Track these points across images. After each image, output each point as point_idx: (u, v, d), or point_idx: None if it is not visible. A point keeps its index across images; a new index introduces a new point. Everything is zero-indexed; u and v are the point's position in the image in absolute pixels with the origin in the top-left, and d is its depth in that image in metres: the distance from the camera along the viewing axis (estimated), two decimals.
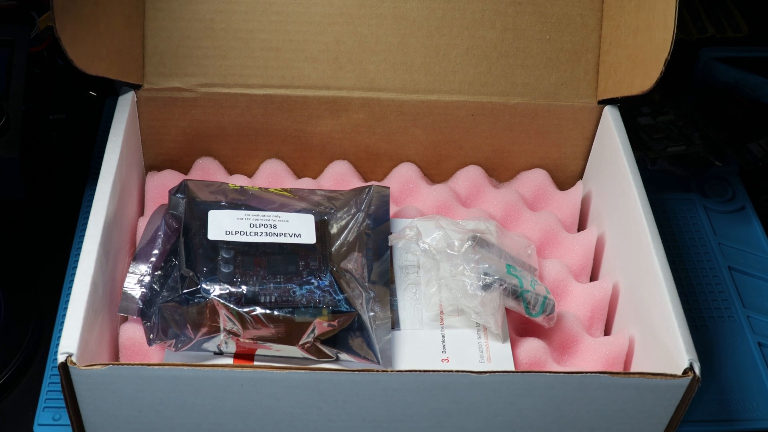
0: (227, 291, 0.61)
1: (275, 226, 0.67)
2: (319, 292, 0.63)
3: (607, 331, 0.73)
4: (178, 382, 0.56)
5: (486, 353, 0.67)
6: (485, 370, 0.56)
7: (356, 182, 0.81)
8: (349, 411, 0.58)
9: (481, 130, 0.81)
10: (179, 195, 0.70)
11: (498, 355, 0.67)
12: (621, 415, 0.59)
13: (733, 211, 0.91)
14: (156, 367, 0.55)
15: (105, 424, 0.58)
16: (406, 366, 0.65)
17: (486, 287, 0.66)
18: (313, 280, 0.63)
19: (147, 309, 0.64)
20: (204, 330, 0.62)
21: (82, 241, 0.62)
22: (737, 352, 0.79)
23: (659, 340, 0.62)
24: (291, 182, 0.80)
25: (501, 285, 0.66)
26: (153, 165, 0.81)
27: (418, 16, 0.77)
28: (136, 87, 0.76)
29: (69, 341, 0.55)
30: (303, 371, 0.55)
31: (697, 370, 0.56)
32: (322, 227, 0.68)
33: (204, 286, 0.61)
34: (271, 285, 0.62)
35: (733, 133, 0.98)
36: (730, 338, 0.80)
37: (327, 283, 0.64)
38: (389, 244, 0.70)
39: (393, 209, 0.78)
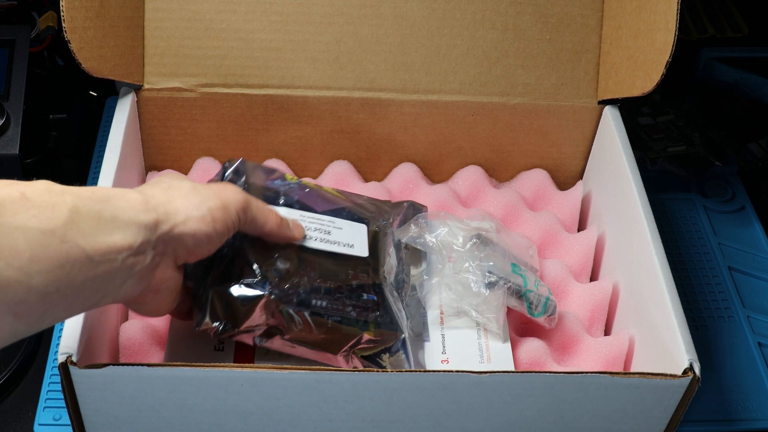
0: (282, 288, 0.60)
1: (329, 233, 0.65)
2: (368, 305, 0.62)
3: (607, 331, 0.73)
4: (178, 382, 0.56)
5: (486, 353, 0.67)
6: (485, 370, 0.56)
7: (356, 182, 0.81)
8: (349, 411, 0.58)
9: (481, 130, 0.81)
10: (234, 174, 0.67)
11: (498, 355, 0.67)
12: (621, 415, 0.59)
13: (733, 211, 0.91)
14: (156, 367, 0.55)
15: (105, 424, 0.58)
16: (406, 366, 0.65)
17: (490, 285, 0.66)
18: (363, 294, 0.63)
19: (198, 288, 0.61)
20: (249, 322, 0.60)
21: None
22: (737, 352, 0.79)
23: (659, 340, 0.62)
24: None
25: (505, 284, 0.66)
26: (153, 165, 0.81)
27: (419, 16, 0.77)
28: (136, 87, 0.76)
29: (69, 341, 0.55)
30: (303, 371, 0.55)
31: (697, 370, 0.56)
32: (373, 239, 0.67)
33: (261, 279, 0.60)
34: (323, 290, 0.61)
35: (733, 133, 0.98)
36: (730, 338, 0.80)
37: (375, 298, 0.63)
38: (398, 239, 0.70)
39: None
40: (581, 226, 0.81)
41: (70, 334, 0.56)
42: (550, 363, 0.68)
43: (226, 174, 0.66)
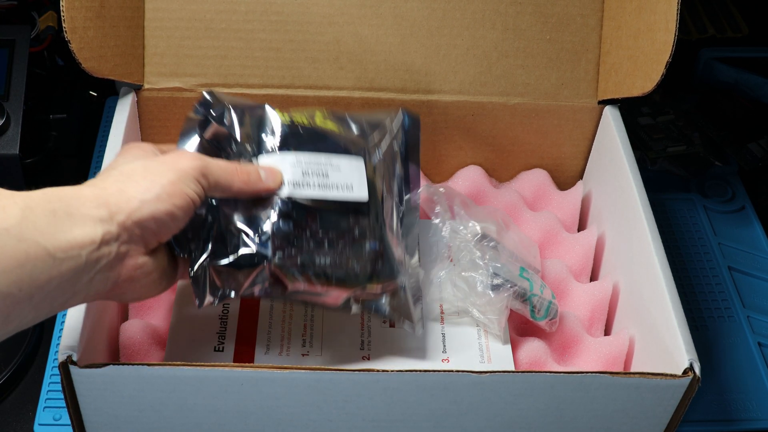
0: (282, 251, 0.57)
1: (327, 175, 0.60)
2: (370, 257, 0.60)
3: (607, 331, 0.73)
4: (178, 382, 0.56)
5: (486, 353, 0.67)
6: (485, 370, 0.56)
7: None
8: (349, 411, 0.58)
9: (481, 130, 0.81)
10: (214, 114, 0.62)
11: (498, 355, 0.67)
12: (621, 415, 0.59)
13: (733, 211, 0.92)
14: (156, 367, 0.55)
15: (105, 424, 0.58)
16: (406, 366, 0.65)
17: (495, 287, 0.66)
18: (366, 243, 0.60)
19: (193, 265, 0.58)
20: (251, 290, 0.59)
21: None
22: (737, 352, 0.79)
23: (659, 340, 0.62)
24: None
25: (511, 287, 0.66)
26: None
27: (419, 16, 0.77)
28: (136, 87, 0.76)
29: (69, 341, 0.55)
30: (303, 371, 0.55)
31: (697, 370, 0.56)
32: (370, 175, 0.63)
33: (260, 250, 0.57)
34: (326, 245, 0.59)
35: (733, 133, 0.98)
36: (730, 338, 0.80)
37: (377, 247, 0.61)
38: (397, 150, 0.67)
39: None
40: (581, 226, 0.81)
41: (70, 333, 0.56)
42: (550, 363, 0.68)
43: (204, 122, 0.62)
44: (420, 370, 0.55)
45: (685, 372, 0.57)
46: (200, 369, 0.55)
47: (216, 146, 0.61)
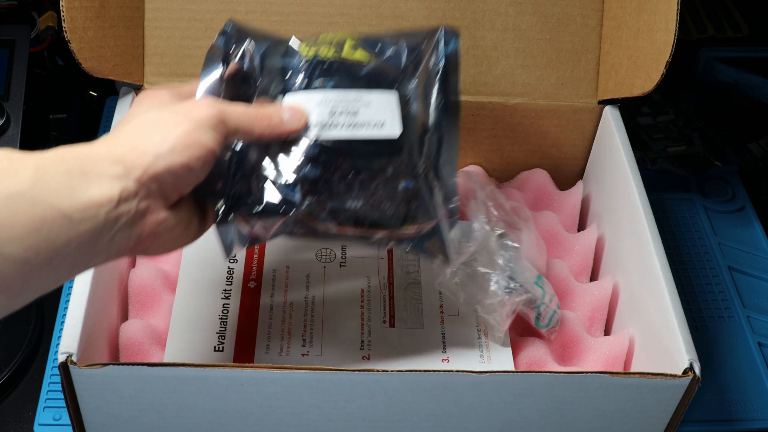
0: (312, 199, 0.55)
1: (357, 113, 0.57)
2: (405, 197, 0.57)
3: (607, 331, 0.73)
4: (178, 382, 0.56)
5: (486, 353, 0.67)
6: (485, 370, 0.56)
7: None
8: (349, 411, 0.58)
9: (481, 130, 0.81)
10: (236, 49, 0.60)
11: (498, 355, 0.67)
12: (621, 415, 0.59)
13: (733, 211, 0.91)
14: (156, 367, 0.55)
15: (105, 424, 0.58)
16: (406, 366, 0.65)
17: (509, 291, 0.66)
18: (400, 183, 0.57)
19: (219, 214, 0.56)
20: (277, 231, 0.57)
21: None
22: (737, 352, 0.79)
23: (659, 340, 0.62)
24: None
25: (525, 293, 0.66)
26: None
27: (418, 16, 0.77)
28: (136, 87, 0.76)
29: (69, 341, 0.55)
30: (303, 371, 0.55)
31: (697, 370, 0.56)
32: (403, 109, 0.59)
33: (287, 197, 0.55)
34: (356, 188, 0.56)
35: (733, 133, 0.98)
36: (730, 338, 0.80)
37: (412, 186, 0.57)
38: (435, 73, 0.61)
39: None
40: (581, 226, 0.81)
41: (70, 333, 0.56)
42: (550, 363, 0.68)
43: (229, 56, 0.59)
44: (420, 370, 0.55)
45: (685, 372, 0.57)
46: (200, 369, 0.55)
47: (238, 84, 0.58)
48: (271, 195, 0.55)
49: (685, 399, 0.57)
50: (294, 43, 0.60)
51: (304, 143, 0.55)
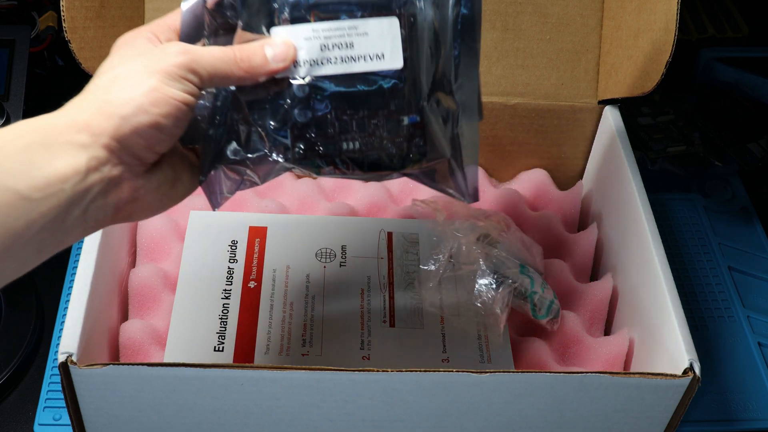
0: (304, 145, 0.51)
1: (352, 45, 0.51)
2: (408, 134, 0.52)
3: (607, 331, 0.73)
4: (178, 382, 0.56)
5: (486, 353, 0.67)
6: (485, 370, 0.56)
7: (355, 183, 0.81)
8: (349, 411, 0.58)
9: (481, 130, 0.80)
10: None
11: (498, 355, 0.67)
12: (621, 415, 0.59)
13: (733, 211, 0.91)
14: (156, 367, 0.55)
15: (105, 424, 0.58)
16: (406, 366, 0.65)
17: (497, 284, 0.66)
18: (403, 117, 0.52)
19: (204, 164, 0.52)
20: (268, 176, 0.54)
21: (82, 241, 0.62)
22: (737, 352, 0.79)
23: (659, 340, 0.62)
24: (291, 187, 0.80)
25: (512, 284, 0.66)
26: None
27: None
28: None
29: (69, 341, 0.55)
30: (303, 371, 0.55)
31: (697, 370, 0.56)
32: (409, 34, 0.52)
33: (276, 144, 0.51)
34: (354, 128, 0.52)
35: (733, 133, 0.98)
36: (730, 338, 0.80)
37: (418, 119, 0.52)
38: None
39: (394, 209, 0.79)
40: (581, 226, 0.81)
41: (70, 333, 0.56)
42: (550, 363, 0.68)
43: None
44: (420, 370, 0.55)
45: (685, 372, 0.57)
46: (200, 369, 0.55)
47: (223, 16, 0.53)
48: (259, 141, 0.51)
49: (685, 399, 0.57)
50: None
51: (292, 84, 0.51)
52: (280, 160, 0.52)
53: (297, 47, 0.51)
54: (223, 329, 0.66)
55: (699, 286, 0.84)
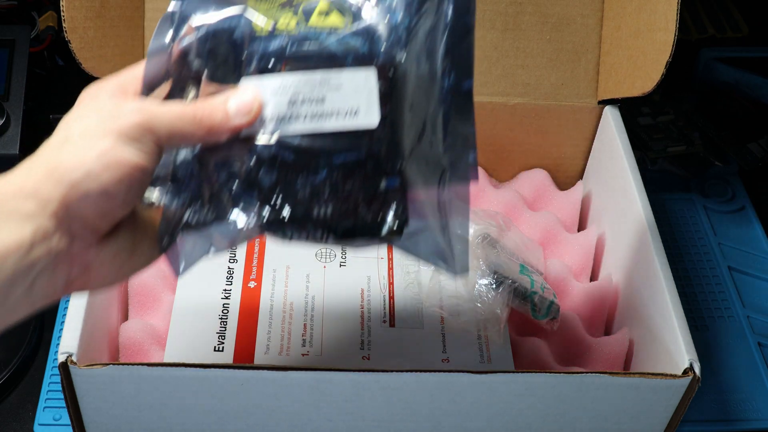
0: (271, 214, 0.46)
1: (323, 100, 0.46)
2: (386, 199, 0.47)
3: (607, 331, 0.73)
4: (178, 382, 0.56)
5: (486, 353, 0.67)
6: (485, 370, 0.56)
7: None
8: (349, 411, 0.58)
9: (481, 130, 0.80)
10: (181, 31, 0.48)
11: (498, 355, 0.67)
12: (621, 415, 0.59)
13: (733, 211, 0.91)
14: (156, 367, 0.55)
15: (105, 424, 0.58)
16: (406, 366, 0.65)
17: (496, 285, 0.66)
18: (380, 180, 0.47)
19: (165, 231, 0.47)
20: (237, 239, 0.49)
21: None
22: (737, 352, 0.79)
23: (659, 340, 0.62)
24: None
25: (512, 284, 0.66)
26: None
27: None
28: None
29: (69, 341, 0.55)
30: (303, 371, 0.55)
31: (697, 370, 0.56)
32: (389, 87, 0.47)
33: (241, 218, 0.47)
34: (326, 192, 0.46)
35: (733, 133, 0.98)
36: (730, 338, 0.80)
37: (397, 183, 0.47)
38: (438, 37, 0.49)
39: None
40: (581, 226, 0.81)
41: (70, 333, 0.56)
42: (550, 363, 0.68)
43: (174, 32, 0.48)
44: (420, 370, 0.55)
45: (685, 372, 0.57)
46: (200, 369, 0.55)
47: (187, 68, 0.48)
48: (223, 204, 0.47)
49: (685, 399, 0.57)
50: (249, 14, 0.48)
51: (257, 143, 0.46)
52: (247, 226, 0.47)
53: (264, 102, 0.46)
54: (223, 329, 0.66)
55: (699, 286, 0.84)
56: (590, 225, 0.79)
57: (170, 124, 0.44)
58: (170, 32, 0.48)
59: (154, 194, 0.47)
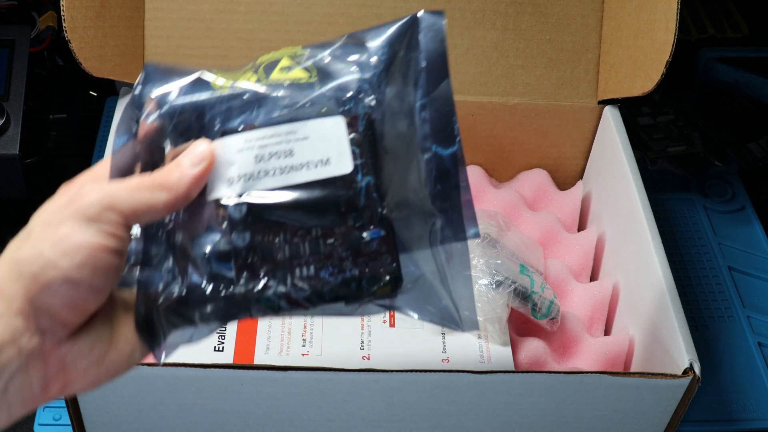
0: (247, 277, 0.43)
1: (292, 153, 0.44)
2: (373, 252, 0.43)
3: (607, 331, 0.73)
4: (178, 382, 0.56)
5: (486, 353, 0.67)
6: (485, 370, 0.56)
7: None
8: (349, 411, 0.58)
9: (481, 130, 0.81)
10: (143, 110, 0.46)
11: (498, 355, 0.67)
12: (621, 415, 0.59)
13: (733, 211, 0.91)
14: (156, 367, 0.55)
15: (105, 424, 0.58)
16: (406, 366, 0.65)
17: (496, 285, 0.66)
18: (363, 233, 0.43)
19: (141, 313, 0.44)
20: (217, 317, 0.45)
21: None
22: (737, 352, 0.79)
23: (659, 340, 0.62)
24: None
25: (512, 284, 0.66)
26: None
27: None
28: None
29: None
30: (303, 371, 0.55)
31: (697, 370, 0.56)
32: (363, 134, 0.45)
33: (220, 290, 0.43)
34: (306, 250, 0.43)
35: (733, 133, 0.98)
36: (730, 338, 0.80)
37: (382, 233, 0.44)
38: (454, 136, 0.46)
39: None
40: (581, 226, 0.81)
41: None
42: (550, 363, 0.68)
43: (139, 113, 0.46)
44: (420, 370, 0.55)
45: (685, 372, 0.57)
46: (200, 369, 0.55)
47: (155, 146, 0.45)
48: (201, 277, 0.43)
49: (685, 399, 0.57)
50: (208, 76, 0.46)
51: (229, 203, 0.43)
52: (226, 295, 0.43)
53: (229, 162, 0.43)
54: (224, 329, 0.66)
55: (699, 286, 0.84)
56: (590, 225, 0.79)
57: (132, 198, 0.41)
58: (134, 112, 0.46)
59: (130, 275, 0.44)
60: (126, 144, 0.45)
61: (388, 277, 0.44)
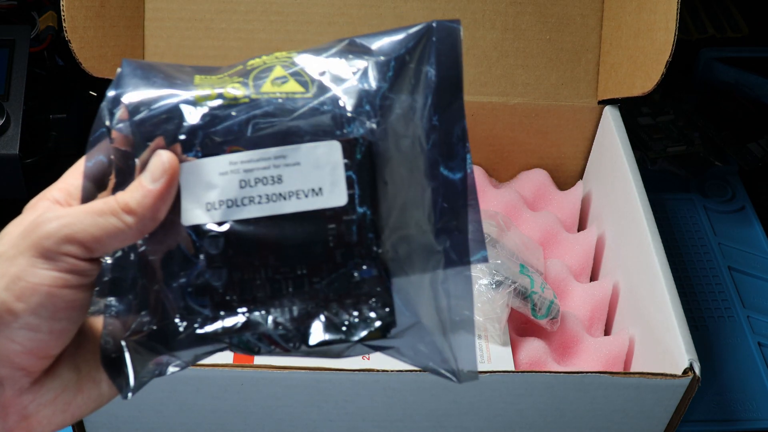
0: (222, 327, 0.39)
1: (281, 179, 0.40)
2: (363, 293, 0.40)
3: (607, 331, 0.73)
4: (178, 382, 0.56)
5: (486, 353, 0.67)
6: (485, 370, 0.56)
7: None
8: (349, 411, 0.58)
9: (481, 130, 0.81)
10: (117, 116, 0.42)
11: (498, 355, 0.67)
12: (621, 415, 0.59)
13: (733, 211, 0.91)
14: None
15: (105, 424, 0.58)
16: (406, 366, 0.65)
17: (496, 285, 0.66)
18: (353, 271, 0.40)
19: (108, 340, 0.40)
20: (193, 354, 0.42)
21: None
22: (737, 352, 0.79)
23: (659, 340, 0.62)
24: None
25: (512, 284, 0.66)
26: None
27: (419, 16, 0.77)
28: None
29: None
30: (303, 371, 0.55)
31: (697, 370, 0.56)
32: (360, 162, 0.40)
33: (191, 313, 0.39)
34: (290, 289, 0.40)
35: (733, 133, 0.98)
36: (730, 338, 0.80)
37: (374, 273, 0.40)
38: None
39: None
40: (581, 226, 0.81)
41: None
42: (550, 363, 0.68)
43: (109, 126, 0.42)
44: (420, 370, 0.55)
45: (685, 372, 0.57)
46: (200, 369, 0.55)
47: (129, 168, 0.40)
48: (168, 310, 0.39)
49: (685, 399, 0.57)
50: (188, 80, 0.42)
51: (204, 231, 0.39)
52: (200, 334, 0.39)
53: (209, 185, 0.39)
54: None
55: (699, 286, 0.84)
56: (590, 225, 0.79)
57: (93, 225, 0.36)
58: (107, 120, 0.42)
59: (98, 304, 0.40)
60: (98, 153, 0.41)
61: (378, 323, 0.40)
